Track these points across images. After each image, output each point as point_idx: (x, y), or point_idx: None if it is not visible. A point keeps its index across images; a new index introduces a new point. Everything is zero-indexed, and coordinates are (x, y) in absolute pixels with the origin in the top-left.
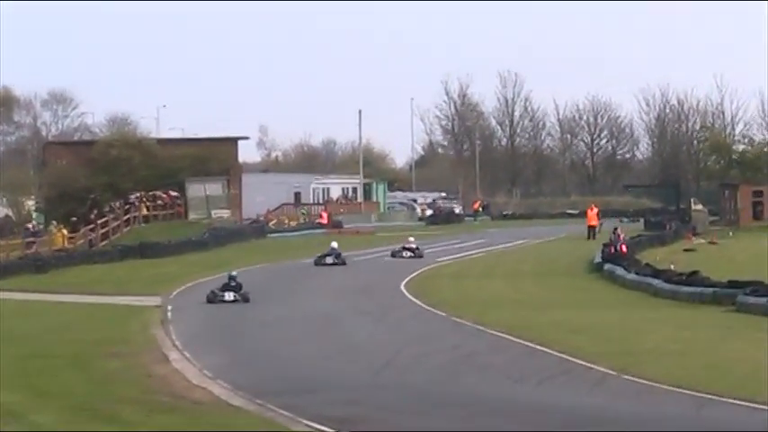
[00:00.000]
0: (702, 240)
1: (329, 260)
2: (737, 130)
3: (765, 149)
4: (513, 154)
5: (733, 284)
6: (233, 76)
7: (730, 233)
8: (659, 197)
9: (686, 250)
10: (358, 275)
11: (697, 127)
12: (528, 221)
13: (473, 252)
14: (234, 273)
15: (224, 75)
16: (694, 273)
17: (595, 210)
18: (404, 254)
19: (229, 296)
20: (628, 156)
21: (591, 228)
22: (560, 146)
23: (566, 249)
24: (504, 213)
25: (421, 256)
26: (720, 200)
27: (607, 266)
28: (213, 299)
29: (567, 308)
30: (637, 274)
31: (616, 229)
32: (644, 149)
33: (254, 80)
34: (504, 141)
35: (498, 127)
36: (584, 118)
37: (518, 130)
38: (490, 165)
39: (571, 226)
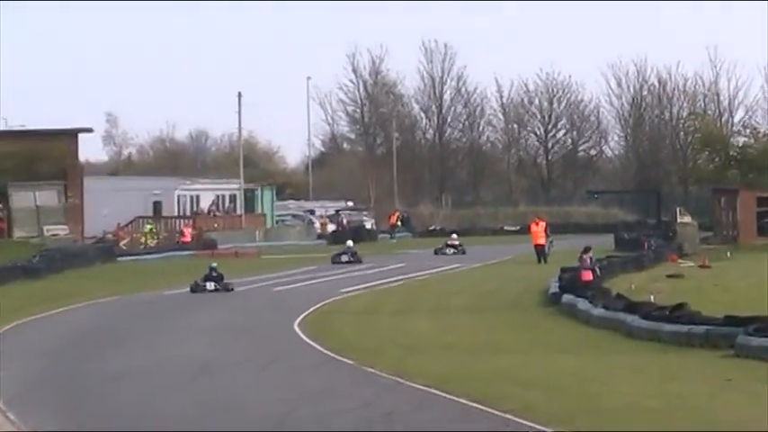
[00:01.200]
0: (691, 263)
1: (344, 258)
2: (737, 118)
3: None
4: (443, 150)
5: (731, 321)
6: (69, 51)
7: (728, 253)
8: (635, 206)
9: (670, 276)
10: (238, 311)
11: (684, 114)
12: (462, 239)
13: (389, 280)
14: (214, 264)
15: (58, 50)
16: (680, 306)
17: (542, 224)
18: (447, 251)
19: (210, 286)
20: (593, 152)
21: (538, 248)
22: (504, 139)
23: (512, 276)
24: (431, 228)
25: (464, 253)
26: (714, 210)
27: (566, 298)
28: (195, 288)
29: (514, 353)
30: (605, 308)
31: (586, 249)
32: (615, 144)
33: (99, 56)
34: (430, 134)
35: (422, 115)
36: (536, 102)
37: (449, 119)
38: (412, 165)
39: (520, 245)
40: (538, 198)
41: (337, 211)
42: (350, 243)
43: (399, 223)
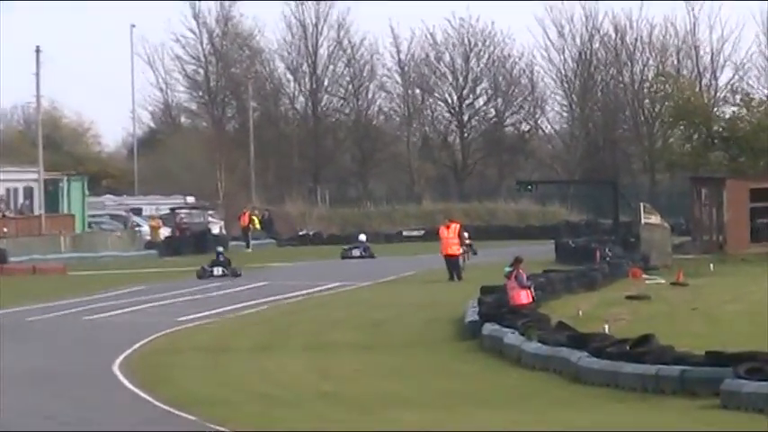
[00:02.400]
0: (660, 280)
1: (356, 252)
2: (722, 80)
3: None
4: (318, 126)
5: (715, 359)
6: None
7: (710, 266)
8: (583, 202)
9: (631, 298)
10: (35, 351)
11: (650, 75)
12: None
13: (246, 304)
14: (220, 249)
15: None
16: (646, 338)
17: (455, 227)
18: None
19: (218, 271)
20: (526, 128)
21: (449, 260)
22: (403, 110)
23: (414, 299)
24: (301, 233)
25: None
26: (693, 206)
27: (489, 329)
28: (203, 274)
29: (418, 407)
30: (543, 342)
31: (517, 261)
32: (555, 116)
33: None
34: (300, 103)
35: (290, 77)
36: (447, 59)
37: (325, 83)
38: (276, 146)
39: (425, 257)
40: (449, 191)
41: (173, 209)
42: (362, 237)
43: (256, 226)
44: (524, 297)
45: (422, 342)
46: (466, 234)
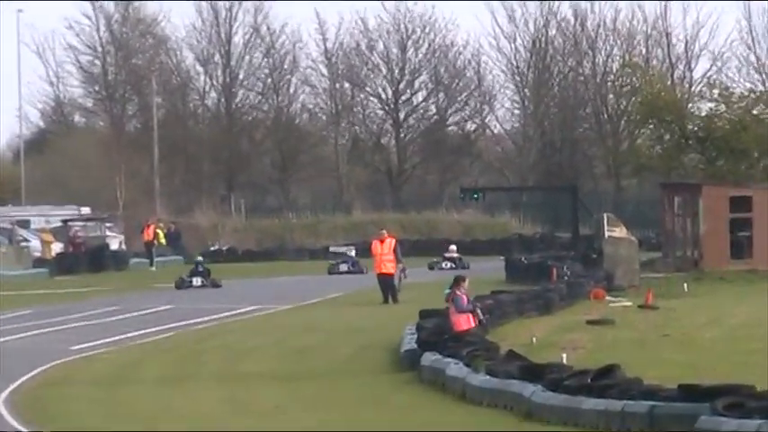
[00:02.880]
0: (627, 302)
1: (344, 268)
2: (698, 72)
3: (757, 111)
4: (232, 125)
5: (690, 393)
6: None
7: (684, 286)
8: (538, 213)
9: (593, 323)
10: None
11: (615, 66)
12: (265, 266)
13: (151, 330)
14: (200, 258)
15: None
16: (610, 369)
17: (390, 242)
18: (443, 264)
19: (197, 281)
20: (472, 127)
21: (383, 279)
22: (330, 107)
23: (343, 324)
24: (213, 248)
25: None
26: (663, 217)
27: (429, 359)
28: (182, 285)
29: None
30: (491, 373)
31: (457, 281)
32: (506, 114)
33: None
34: (212, 98)
35: (200, 70)
36: (380, 49)
37: (241, 76)
38: (184, 148)
39: (354, 276)
40: (383, 200)
41: (66, 221)
42: (352, 252)
43: (160, 241)
44: (464, 322)
45: (352, 373)
46: None
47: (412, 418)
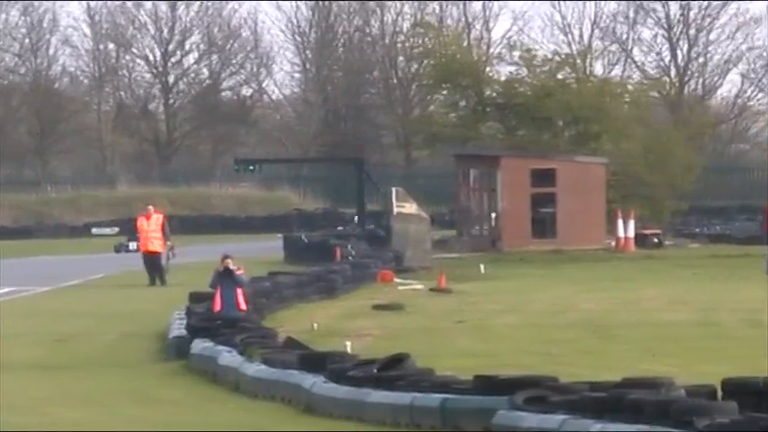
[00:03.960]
0: (418, 285)
1: (133, 246)
2: (496, 34)
3: (562, 75)
4: None
5: (486, 386)
6: None
7: (481, 267)
8: (320, 187)
9: (380, 307)
10: None
11: (405, 27)
12: (25, 245)
13: None
14: None
15: None
16: (398, 359)
17: (156, 218)
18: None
19: (134, 246)
20: (248, 92)
21: (150, 259)
22: (93, 71)
23: (105, 308)
24: None
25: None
26: (458, 192)
27: (200, 347)
28: (120, 249)
29: None
30: (268, 363)
31: (227, 258)
32: (285, 78)
33: None
34: None
35: None
36: (149, 6)
37: None
38: None
39: (119, 256)
40: (151, 173)
41: None
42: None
43: None
44: (218, 302)
45: (116, 362)
46: None
47: (180, 414)
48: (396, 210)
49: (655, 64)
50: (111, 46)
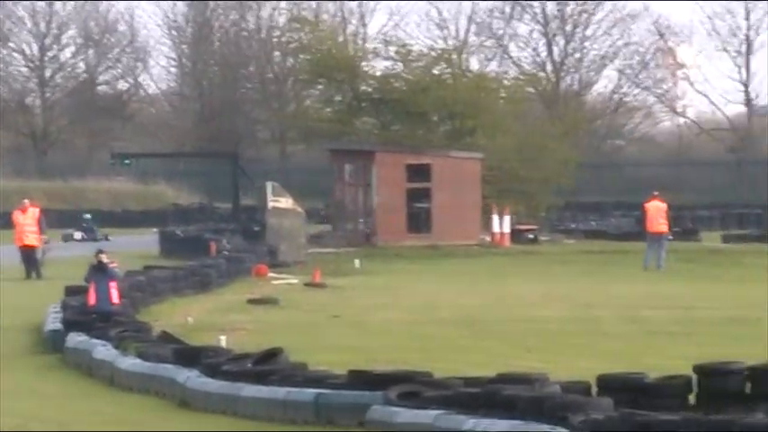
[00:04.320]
0: (293, 279)
1: (78, 236)
2: (372, 29)
3: (437, 70)
4: None
5: (360, 380)
6: None
7: (356, 262)
8: (196, 182)
9: (255, 302)
10: None
11: (282, 21)
12: None
13: None
14: (88, 216)
15: None
16: (272, 354)
17: (33, 210)
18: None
19: (78, 236)
20: (124, 87)
21: (26, 253)
22: None
23: None
24: None
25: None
26: (334, 186)
27: (75, 340)
28: (67, 238)
29: None
30: (143, 357)
31: (100, 253)
32: (161, 73)
33: None
34: None
35: None
36: (22, 6)
37: None
38: None
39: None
40: (27, 166)
41: None
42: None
43: None
44: (93, 296)
45: None
46: None
47: (52, 408)
48: (271, 204)
49: (531, 60)
50: None
